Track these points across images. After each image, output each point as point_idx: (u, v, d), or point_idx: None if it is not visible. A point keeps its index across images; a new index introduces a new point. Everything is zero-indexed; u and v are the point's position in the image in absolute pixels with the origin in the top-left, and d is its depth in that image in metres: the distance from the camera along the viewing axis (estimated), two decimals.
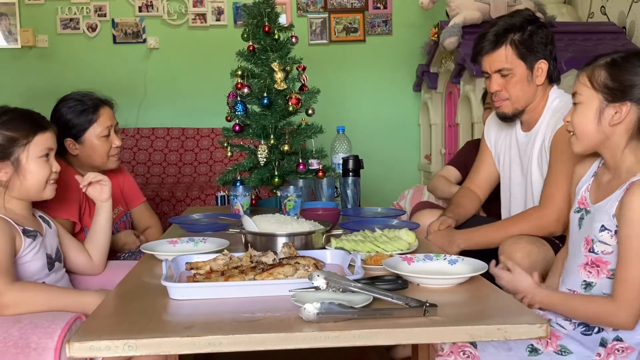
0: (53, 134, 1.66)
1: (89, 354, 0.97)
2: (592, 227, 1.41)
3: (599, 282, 1.40)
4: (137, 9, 4.67)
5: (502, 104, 1.95)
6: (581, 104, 1.43)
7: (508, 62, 1.89)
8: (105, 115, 2.09)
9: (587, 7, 4.17)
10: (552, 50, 1.92)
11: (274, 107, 2.42)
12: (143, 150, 4.55)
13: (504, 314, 1.11)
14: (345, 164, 2.34)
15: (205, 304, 1.16)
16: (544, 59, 1.90)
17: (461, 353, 1.36)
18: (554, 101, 1.93)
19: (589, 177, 1.51)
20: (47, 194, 1.64)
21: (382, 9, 4.81)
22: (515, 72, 1.89)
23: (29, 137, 1.58)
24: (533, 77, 1.91)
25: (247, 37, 2.47)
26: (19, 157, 1.57)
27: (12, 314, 1.40)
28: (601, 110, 1.40)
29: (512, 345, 1.36)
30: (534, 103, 1.94)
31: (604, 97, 1.39)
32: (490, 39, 1.91)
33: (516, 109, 1.94)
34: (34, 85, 4.57)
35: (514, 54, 1.89)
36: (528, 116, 1.97)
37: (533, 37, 1.88)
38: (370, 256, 1.46)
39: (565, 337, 1.39)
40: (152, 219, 2.34)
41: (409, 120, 4.87)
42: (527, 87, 1.91)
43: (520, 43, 1.88)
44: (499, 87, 1.92)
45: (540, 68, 1.90)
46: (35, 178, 1.59)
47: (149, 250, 1.60)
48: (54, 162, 1.64)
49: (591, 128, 1.42)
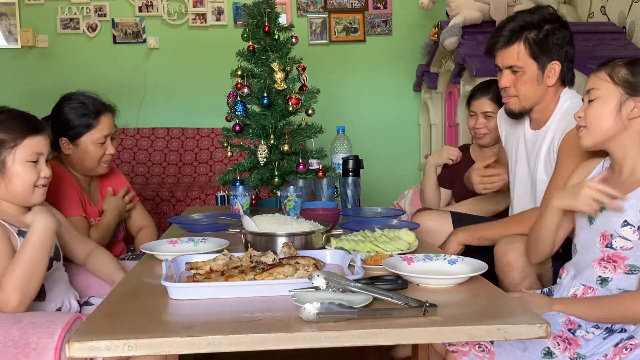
0: (46, 138, 1.61)
1: (89, 354, 0.97)
2: (611, 222, 1.41)
3: (616, 277, 1.41)
4: (137, 9, 4.67)
5: (509, 100, 1.94)
6: (599, 99, 1.46)
7: (520, 60, 1.87)
8: (105, 122, 2.09)
9: (587, 7, 4.17)
10: (569, 52, 1.89)
11: (274, 107, 2.42)
12: (143, 150, 4.55)
13: (504, 314, 1.11)
14: (345, 164, 2.34)
15: (205, 304, 1.16)
16: (557, 60, 1.87)
17: (477, 346, 1.36)
18: (565, 102, 1.90)
19: (595, 175, 1.51)
20: (36, 199, 1.59)
21: (382, 9, 4.81)
22: (525, 71, 1.87)
23: (17, 140, 1.54)
24: (544, 78, 1.88)
25: (247, 37, 2.47)
26: (5, 160, 1.53)
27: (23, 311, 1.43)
28: (622, 103, 1.43)
29: (528, 345, 1.35)
30: (543, 103, 1.92)
31: (625, 91, 1.43)
32: (505, 34, 1.88)
33: (523, 107, 1.93)
34: (34, 85, 4.56)
35: (527, 53, 1.86)
36: (538, 115, 1.95)
37: (549, 37, 1.85)
38: (370, 256, 1.46)
39: (586, 344, 1.38)
40: (145, 219, 2.33)
41: (409, 120, 4.87)
42: (536, 87, 1.89)
43: (535, 42, 1.85)
44: (508, 84, 1.91)
45: (553, 69, 1.88)
46: (21, 182, 1.55)
47: (149, 250, 1.60)
48: (43, 167, 1.59)
49: (607, 121, 1.44)
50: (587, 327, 1.40)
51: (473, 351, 1.35)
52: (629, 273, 1.40)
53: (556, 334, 1.38)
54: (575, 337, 1.38)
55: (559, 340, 1.36)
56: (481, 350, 1.36)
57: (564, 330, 1.40)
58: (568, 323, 1.41)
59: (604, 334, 1.38)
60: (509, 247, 1.76)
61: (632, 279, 1.40)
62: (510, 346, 1.36)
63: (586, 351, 1.36)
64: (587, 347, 1.37)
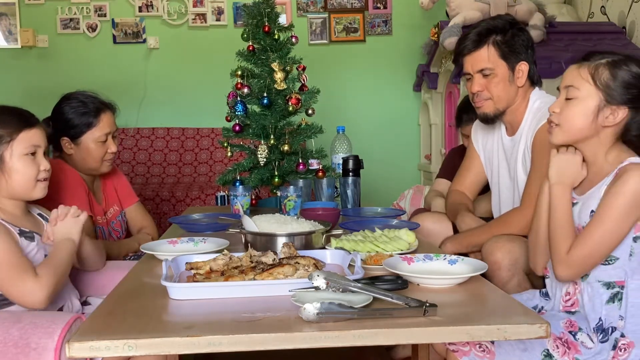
0: (41, 130, 1.61)
1: (89, 354, 0.97)
2: (582, 215, 1.43)
3: (595, 270, 1.41)
4: (137, 9, 4.67)
5: (483, 104, 1.95)
6: (578, 100, 1.43)
7: (490, 61, 1.90)
8: (106, 120, 2.08)
9: (587, 7, 4.17)
10: (533, 55, 1.95)
11: (274, 107, 2.42)
12: (143, 150, 4.55)
13: (504, 314, 1.11)
14: (345, 164, 2.34)
15: (205, 304, 1.16)
16: (525, 61, 1.92)
17: (477, 346, 1.36)
18: (535, 103, 1.94)
19: None
20: (38, 193, 1.59)
21: (382, 9, 4.81)
22: (497, 72, 1.91)
23: (12, 134, 1.54)
24: (514, 78, 1.92)
25: (247, 37, 2.47)
26: (3, 155, 1.53)
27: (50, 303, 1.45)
28: (600, 109, 1.41)
29: (527, 345, 1.35)
30: (515, 105, 1.95)
31: (604, 97, 1.40)
32: (472, 38, 1.92)
33: (497, 109, 1.94)
34: (34, 85, 4.57)
35: (496, 54, 1.90)
36: (510, 118, 1.98)
37: (515, 38, 1.91)
38: (370, 256, 1.46)
39: (586, 352, 1.37)
40: (146, 219, 2.33)
41: (409, 120, 4.87)
42: (509, 87, 1.92)
43: (503, 43, 1.90)
44: (480, 88, 1.93)
45: (521, 70, 1.92)
46: (21, 176, 1.55)
47: (149, 250, 1.60)
48: (42, 160, 1.59)
49: (582, 123, 1.42)
50: (588, 331, 1.40)
51: (474, 351, 1.35)
52: (606, 264, 1.40)
53: (556, 336, 1.37)
54: (576, 341, 1.38)
55: (559, 344, 1.36)
56: (482, 350, 1.36)
57: (564, 332, 1.39)
58: (569, 325, 1.41)
59: (600, 337, 1.38)
60: (494, 247, 1.77)
61: (609, 269, 1.40)
62: (511, 346, 1.36)
63: (585, 358, 1.36)
64: (587, 354, 1.37)
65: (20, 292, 1.41)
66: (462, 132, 2.59)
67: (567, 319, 1.43)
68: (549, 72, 3.20)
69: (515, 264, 1.74)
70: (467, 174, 2.22)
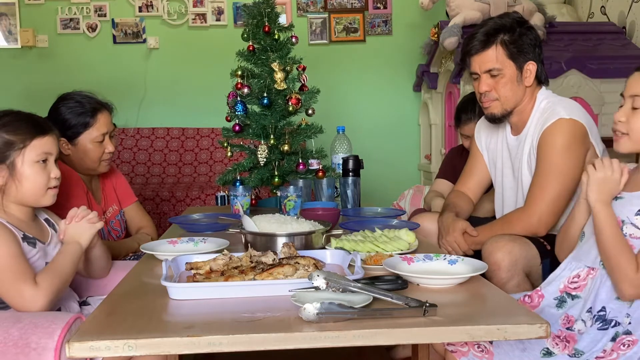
0: (54, 138, 1.61)
1: (89, 354, 0.97)
2: (626, 210, 1.42)
3: None
4: (137, 9, 4.67)
5: (491, 104, 1.94)
6: None
7: (498, 62, 1.89)
8: (103, 120, 2.08)
9: (587, 7, 4.17)
10: (540, 53, 1.93)
11: (274, 107, 2.43)
12: (143, 150, 4.55)
13: (504, 314, 1.11)
14: (345, 164, 2.34)
15: (205, 304, 1.16)
16: (533, 61, 1.90)
17: (476, 346, 1.36)
18: (541, 102, 1.93)
19: None
20: (47, 201, 1.59)
21: (382, 9, 4.81)
22: (505, 73, 1.89)
23: (25, 141, 1.54)
24: (522, 78, 1.91)
25: (247, 37, 2.47)
26: (14, 161, 1.53)
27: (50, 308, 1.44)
28: None
29: (526, 345, 1.35)
30: (522, 105, 1.94)
31: None
32: (480, 38, 1.90)
33: (505, 109, 1.93)
34: (34, 85, 4.57)
35: (504, 54, 1.88)
36: (517, 118, 1.97)
37: (523, 38, 1.89)
38: (370, 256, 1.46)
39: (581, 337, 1.38)
40: (144, 219, 2.33)
41: (409, 120, 4.87)
42: (516, 87, 1.91)
43: (510, 43, 1.88)
44: (488, 88, 1.92)
45: (529, 69, 1.90)
46: (32, 183, 1.54)
47: (149, 250, 1.60)
48: (53, 168, 1.59)
49: None
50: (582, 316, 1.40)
51: (472, 351, 1.35)
52: None
53: (555, 334, 1.38)
54: (572, 332, 1.38)
55: (558, 341, 1.36)
56: (480, 351, 1.36)
57: (562, 329, 1.40)
58: (566, 322, 1.42)
59: (598, 324, 1.38)
60: (495, 247, 1.77)
61: None
62: (510, 346, 1.36)
63: (584, 346, 1.36)
64: (584, 341, 1.37)
65: (19, 299, 1.41)
66: (461, 132, 2.58)
67: (564, 315, 1.43)
68: (549, 72, 3.16)
69: (515, 264, 1.74)
70: (471, 176, 2.19)
